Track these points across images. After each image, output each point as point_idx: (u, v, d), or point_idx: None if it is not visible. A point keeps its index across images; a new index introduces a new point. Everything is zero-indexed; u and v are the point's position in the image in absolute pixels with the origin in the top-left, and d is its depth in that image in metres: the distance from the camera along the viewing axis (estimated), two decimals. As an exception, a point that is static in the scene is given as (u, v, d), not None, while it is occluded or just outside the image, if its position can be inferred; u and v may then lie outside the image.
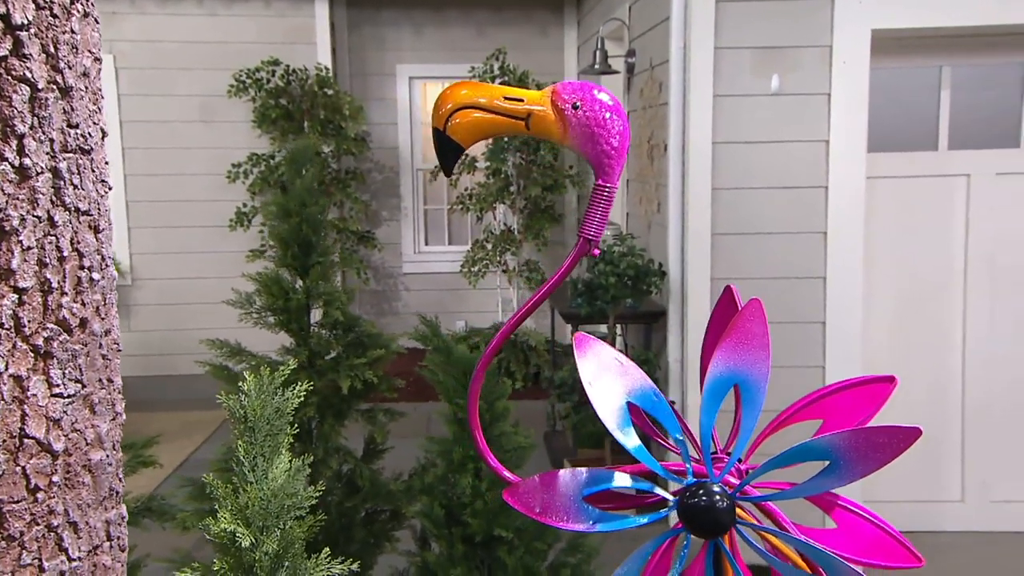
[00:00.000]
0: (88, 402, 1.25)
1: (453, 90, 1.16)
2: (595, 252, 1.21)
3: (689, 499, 1.11)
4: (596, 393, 1.13)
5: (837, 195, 4.30)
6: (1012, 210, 4.63)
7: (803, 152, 4.29)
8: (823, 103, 4.28)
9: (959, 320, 4.68)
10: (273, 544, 1.39)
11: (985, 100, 4.71)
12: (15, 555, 1.14)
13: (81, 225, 1.24)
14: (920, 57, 4.58)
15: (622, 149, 1.15)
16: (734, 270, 4.30)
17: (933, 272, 4.67)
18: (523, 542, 2.48)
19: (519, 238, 7.54)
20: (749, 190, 4.31)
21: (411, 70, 8.23)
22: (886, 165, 4.55)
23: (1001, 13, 4.24)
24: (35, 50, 1.15)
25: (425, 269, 8.41)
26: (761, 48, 4.27)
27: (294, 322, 2.66)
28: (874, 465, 1.00)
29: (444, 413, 2.57)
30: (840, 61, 4.27)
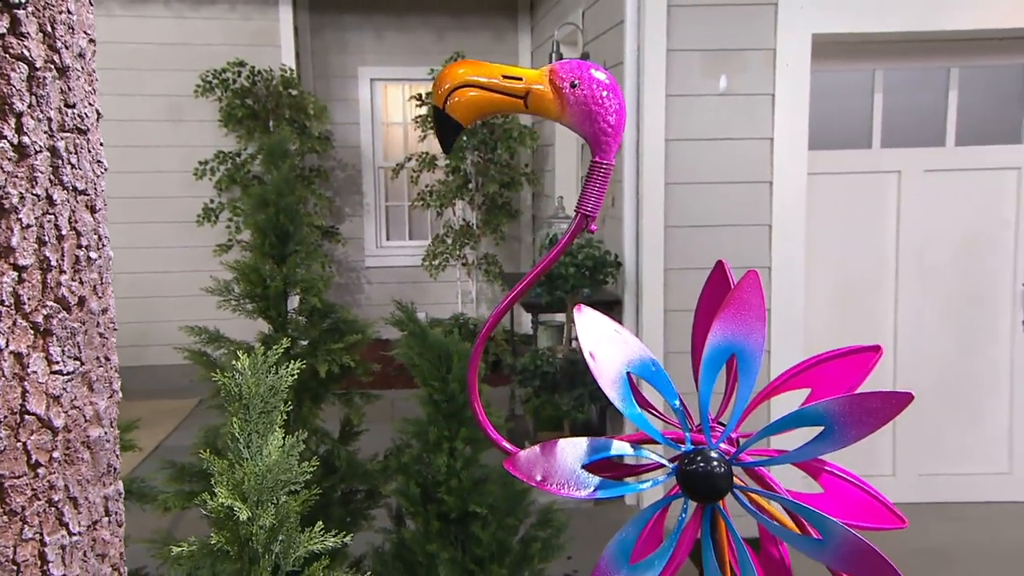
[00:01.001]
0: (86, 379, 1.21)
1: (451, 69, 1.13)
2: (592, 228, 1.19)
3: (688, 466, 1.10)
4: (597, 363, 1.10)
5: (781, 190, 4.34)
6: (938, 204, 4.72)
7: (749, 149, 4.31)
8: (767, 103, 4.31)
9: (891, 308, 4.76)
10: (269, 518, 1.35)
11: (915, 102, 4.77)
12: (17, 529, 1.10)
13: (79, 204, 1.19)
14: (856, 61, 4.63)
15: (619, 127, 1.13)
16: (686, 261, 4.31)
17: (868, 262, 4.73)
18: (496, 518, 2.46)
19: (477, 233, 7.51)
20: (700, 185, 4.32)
21: (372, 72, 8.15)
22: (825, 162, 4.60)
23: (929, 20, 4.31)
24: (33, 29, 1.10)
25: (387, 263, 8.34)
26: (710, 51, 4.28)
27: (272, 309, 2.60)
28: (867, 429, 0.99)
29: (419, 396, 2.54)
30: (783, 64, 4.30)
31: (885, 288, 4.73)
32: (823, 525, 1.02)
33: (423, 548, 2.44)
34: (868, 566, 1.00)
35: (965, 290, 4.77)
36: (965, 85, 4.70)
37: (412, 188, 8.02)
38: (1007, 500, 4.82)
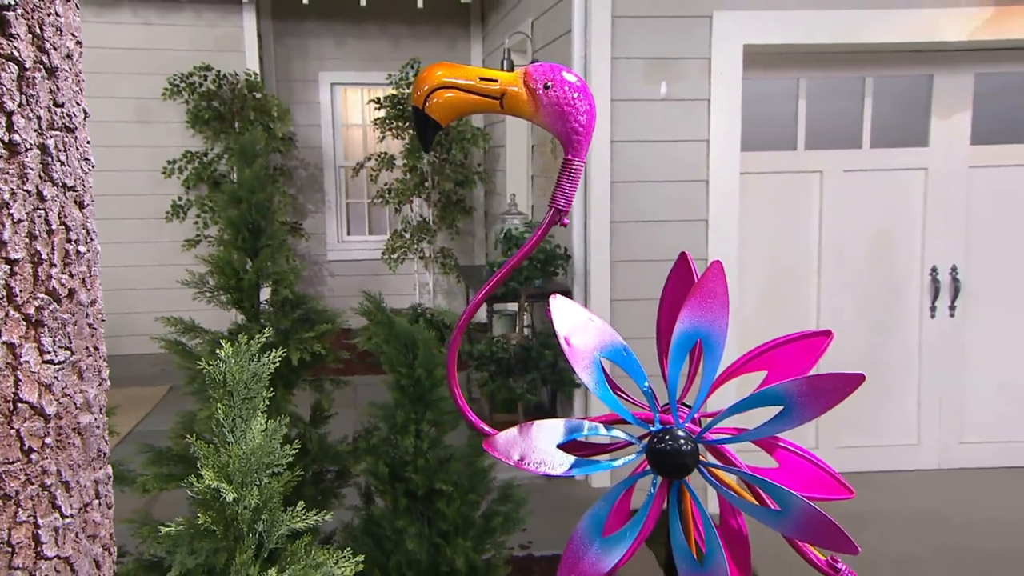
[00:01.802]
0: (76, 368, 1.18)
1: (430, 71, 1.11)
2: (564, 222, 1.18)
3: (658, 444, 1.09)
4: (572, 349, 1.09)
5: (716, 188, 4.37)
6: (855, 202, 4.80)
7: (687, 150, 4.34)
8: (704, 108, 4.34)
9: (814, 296, 4.83)
10: (254, 498, 1.32)
11: (834, 107, 4.84)
12: (11, 513, 1.07)
13: (68, 200, 1.16)
14: (782, 70, 4.68)
15: (589, 126, 1.12)
16: (630, 254, 4.33)
17: (794, 254, 4.80)
18: (460, 494, 2.44)
19: (434, 228, 7.47)
20: (643, 183, 4.34)
21: (332, 77, 8.06)
22: (756, 162, 4.65)
23: (847, 34, 4.37)
24: (22, 30, 1.06)
25: (348, 256, 8.27)
26: (651, 59, 4.30)
27: (246, 300, 2.55)
28: (823, 408, 0.99)
29: (387, 381, 2.51)
30: (718, 72, 4.33)
31: (809, 277, 4.81)
32: (781, 497, 1.02)
33: (392, 524, 2.42)
34: (822, 533, 1.01)
35: (879, 279, 4.87)
36: (878, 93, 4.78)
37: (371, 186, 7.96)
38: (914, 468, 4.94)
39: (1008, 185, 4.88)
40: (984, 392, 4.97)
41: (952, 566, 3.83)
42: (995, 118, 4.86)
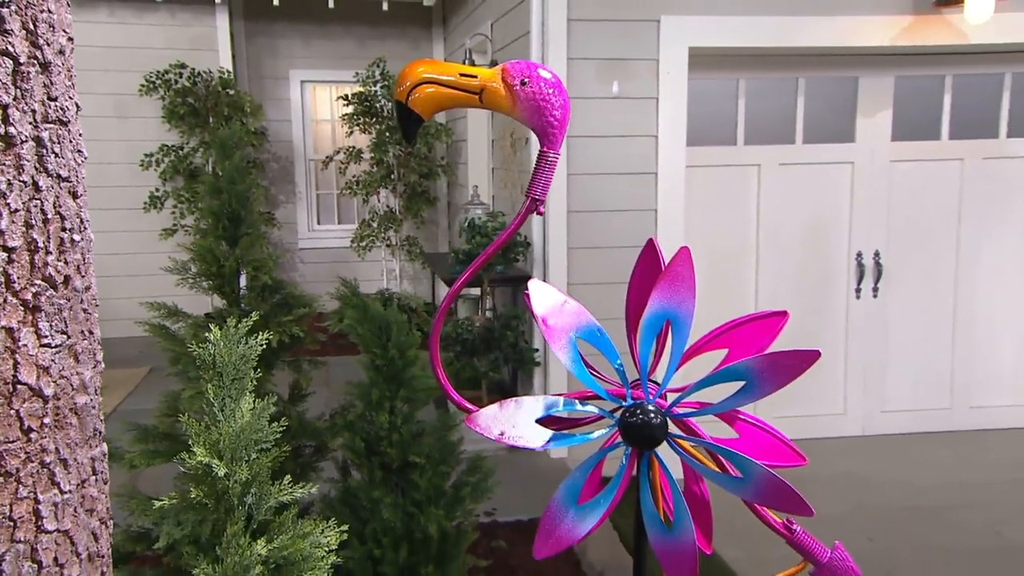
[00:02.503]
0: (73, 351, 1.15)
1: (412, 68, 1.09)
2: (540, 210, 1.17)
3: (630, 418, 1.09)
4: (549, 329, 1.08)
5: (664, 180, 4.39)
6: (790, 192, 4.86)
7: (638, 145, 4.35)
8: (652, 105, 4.35)
9: (753, 278, 4.88)
10: (244, 473, 1.30)
11: (771, 106, 4.88)
12: (12, 489, 1.05)
13: (62, 190, 1.12)
14: (724, 71, 4.71)
15: (564, 120, 1.11)
16: (586, 241, 4.33)
17: (734, 240, 4.84)
18: (432, 466, 2.43)
19: (400, 218, 7.40)
20: (597, 175, 4.34)
21: (302, 75, 7.93)
22: (700, 156, 4.67)
23: (783, 38, 4.41)
24: (16, 26, 1.03)
25: (318, 244, 8.17)
26: (604, 60, 4.29)
27: (227, 286, 2.50)
28: (782, 382, 1.00)
29: (362, 361, 2.48)
30: (665, 72, 4.34)
31: (748, 262, 4.86)
32: (743, 465, 1.03)
33: (368, 494, 2.40)
34: (780, 497, 1.02)
35: (811, 264, 4.94)
36: (810, 93, 4.83)
37: (340, 178, 7.86)
38: (841, 435, 5.04)
39: (924, 178, 4.98)
40: (902, 365, 5.08)
41: (869, 521, 3.92)
42: (913, 117, 4.95)
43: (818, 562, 1.18)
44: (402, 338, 2.42)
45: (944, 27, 4.47)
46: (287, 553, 1.32)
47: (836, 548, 1.21)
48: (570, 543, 1.09)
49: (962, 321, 5.09)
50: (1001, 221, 5.05)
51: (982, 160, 5.01)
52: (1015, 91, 4.98)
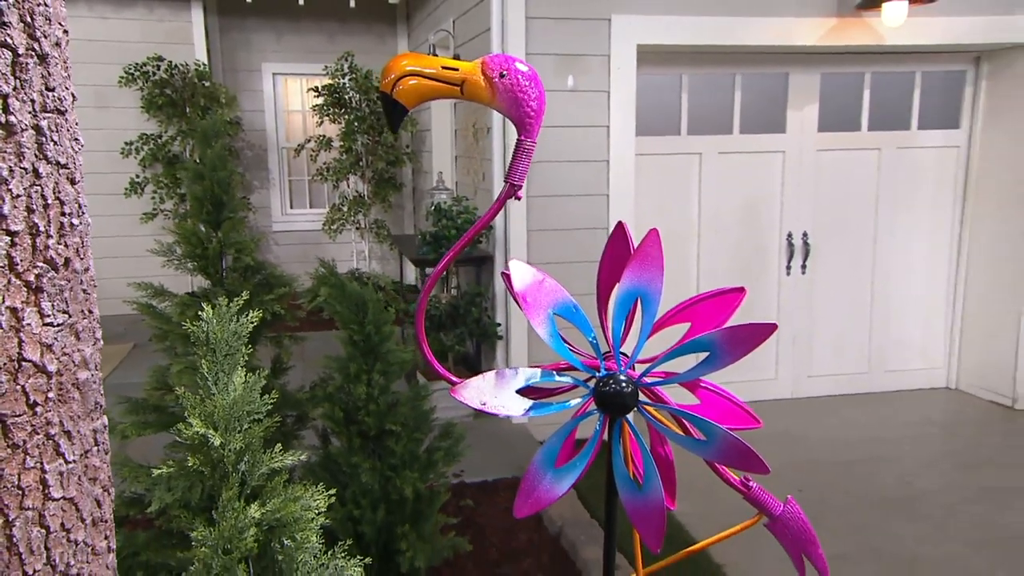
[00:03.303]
0: (74, 330, 1.12)
1: (396, 61, 1.06)
2: (519, 195, 1.16)
3: (603, 387, 1.09)
4: (528, 307, 1.08)
5: (616, 167, 4.39)
6: (728, 178, 4.90)
7: (591, 135, 4.34)
8: (605, 98, 4.34)
9: (695, 256, 4.94)
10: (238, 443, 1.27)
11: (711, 99, 4.91)
12: (20, 460, 1.03)
13: (61, 177, 1.09)
14: (669, 66, 4.72)
15: (540, 110, 1.09)
16: (544, 223, 4.32)
17: (679, 222, 4.88)
18: (407, 433, 2.42)
19: (368, 202, 7.31)
20: (554, 163, 4.33)
21: (274, 67, 7.75)
22: (648, 145, 4.69)
23: (721, 37, 4.43)
24: (14, 19, 0.98)
25: (291, 227, 8.03)
26: (560, 55, 4.27)
27: (211, 267, 2.44)
28: (742, 353, 1.01)
29: (340, 337, 2.45)
30: (616, 67, 4.33)
31: (691, 241, 4.91)
32: (706, 428, 1.04)
33: (347, 460, 2.38)
34: (739, 457, 1.03)
35: (747, 243, 5.00)
36: (746, 87, 4.87)
37: (311, 165, 7.73)
38: (773, 398, 5.14)
39: (846, 166, 5.06)
40: (826, 335, 5.19)
41: (800, 474, 4.01)
42: (836, 110, 5.02)
43: (772, 515, 1.20)
44: (378, 315, 2.39)
45: (864, 29, 4.53)
46: (279, 516, 1.30)
47: (788, 502, 1.23)
48: (548, 503, 1.10)
49: (878, 295, 5.22)
50: (912, 205, 5.18)
51: (896, 149, 5.12)
52: (924, 87, 5.09)
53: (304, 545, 1.31)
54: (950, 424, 4.84)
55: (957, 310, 5.30)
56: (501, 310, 4.51)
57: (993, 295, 5.08)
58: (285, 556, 1.32)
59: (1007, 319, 4.98)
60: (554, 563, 3.11)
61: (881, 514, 3.65)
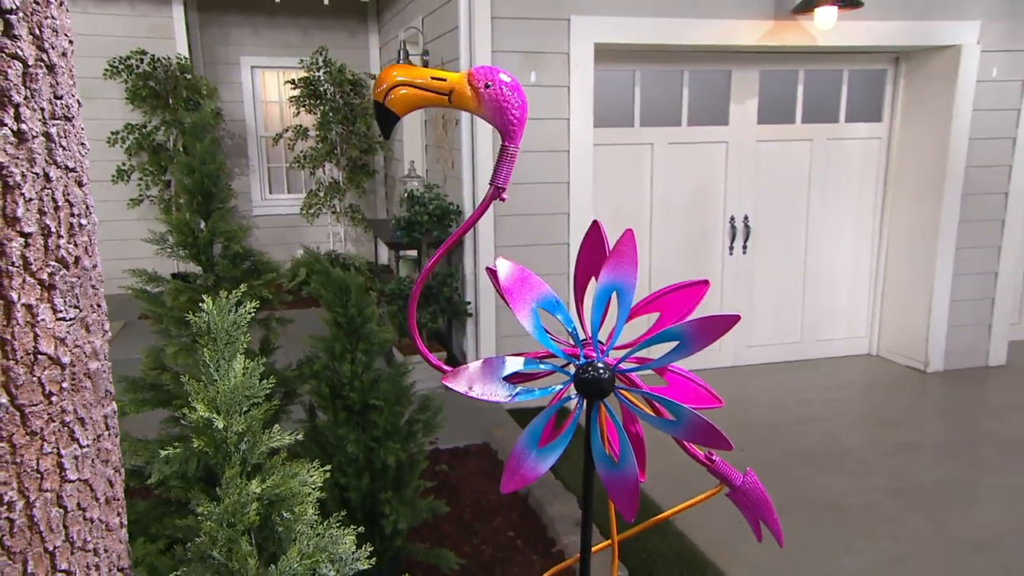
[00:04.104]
0: (84, 323, 1.10)
1: (388, 72, 1.05)
2: (503, 197, 1.16)
3: (583, 374, 1.10)
4: (514, 300, 1.08)
5: (575, 157, 4.40)
6: (677, 167, 4.94)
7: (553, 127, 4.33)
8: (565, 93, 4.33)
9: (648, 238, 4.98)
10: (240, 425, 1.27)
11: (661, 93, 4.93)
12: (38, 446, 1.02)
13: (70, 180, 1.07)
14: (624, 63, 4.73)
15: (522, 118, 1.09)
16: (511, 210, 4.32)
17: (633, 207, 4.91)
18: (389, 407, 2.41)
19: (344, 188, 7.20)
20: (520, 153, 4.30)
21: (252, 61, 7.54)
22: (605, 136, 4.70)
23: (671, 36, 4.43)
24: (24, 32, 0.95)
25: (271, 212, 7.87)
26: (524, 52, 4.24)
27: (202, 254, 2.40)
28: (708, 341, 1.03)
29: (325, 318, 2.43)
30: (575, 64, 4.32)
31: (644, 224, 4.95)
32: (675, 410, 1.06)
33: (334, 433, 2.37)
34: (705, 435, 1.06)
35: (694, 226, 5.06)
36: (693, 83, 4.90)
37: (289, 153, 7.59)
38: (718, 367, 5.24)
39: (782, 155, 5.14)
40: (765, 308, 5.29)
41: (741, 435, 4.11)
42: (774, 104, 5.08)
43: (733, 485, 1.24)
44: (360, 298, 2.38)
45: (799, 31, 4.58)
46: (278, 491, 1.30)
47: (748, 474, 1.27)
48: (533, 479, 1.11)
49: (810, 272, 5.33)
50: (840, 190, 5.28)
51: (827, 140, 5.20)
52: (851, 84, 5.17)
53: (302, 517, 1.31)
54: (871, 387, 4.99)
55: (878, 285, 5.44)
56: (471, 289, 4.51)
57: (909, 272, 5.23)
58: (284, 527, 1.32)
59: (921, 293, 5.14)
60: (523, 520, 3.15)
61: (812, 468, 3.76)
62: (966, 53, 4.79)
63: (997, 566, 2.93)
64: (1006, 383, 5.00)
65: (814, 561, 2.93)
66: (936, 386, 4.95)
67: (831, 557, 2.97)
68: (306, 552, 1.31)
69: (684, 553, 2.93)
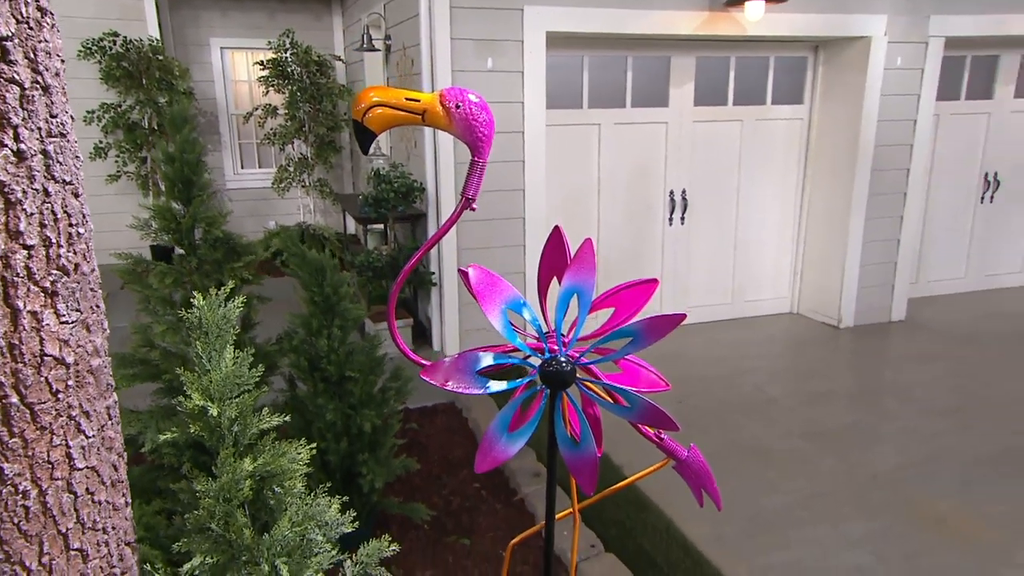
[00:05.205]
0: (85, 324, 1.10)
1: (366, 93, 1.05)
2: (474, 207, 1.17)
3: (548, 367, 1.13)
4: (484, 303, 1.10)
5: (529, 137, 4.38)
6: (622, 145, 4.96)
7: (509, 110, 4.30)
8: (519, 78, 4.29)
9: (595, 211, 5.02)
10: (232, 411, 1.27)
11: (608, 77, 4.92)
12: (48, 439, 1.04)
13: (67, 193, 1.05)
14: (573, 49, 4.69)
15: (490, 135, 1.10)
16: (469, 187, 4.29)
17: (582, 183, 4.93)
18: (363, 377, 2.43)
19: (312, 163, 7.05)
20: (477, 135, 4.27)
21: (221, 42, 7.25)
22: (556, 117, 4.68)
23: (616, 25, 4.41)
24: (19, 56, 0.93)
25: (243, 185, 7.66)
26: (481, 40, 4.18)
27: (184, 239, 2.35)
28: (658, 336, 1.07)
29: (302, 296, 2.42)
30: (528, 51, 4.27)
31: (591, 198, 4.98)
32: (629, 397, 1.11)
33: (313, 402, 2.38)
34: (655, 419, 1.10)
35: (637, 199, 5.11)
36: (636, 68, 4.90)
37: (259, 130, 7.37)
38: (659, 326, 5.35)
39: (716, 134, 5.20)
40: (700, 273, 5.41)
41: (680, 387, 4.24)
42: (709, 88, 5.12)
43: (678, 459, 1.30)
44: (334, 278, 2.37)
45: (731, 22, 4.61)
46: (269, 468, 1.32)
47: (691, 449, 1.33)
48: (504, 460, 1.15)
49: (740, 240, 5.46)
50: (766, 167, 5.39)
51: (755, 121, 5.28)
52: (777, 70, 5.24)
53: (292, 491, 1.33)
54: (792, 342, 5.18)
55: (799, 251, 5.61)
56: (435, 261, 4.51)
57: (825, 240, 5.40)
58: (276, 500, 1.34)
59: (834, 258, 5.32)
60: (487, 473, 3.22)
61: (741, 417, 3.91)
62: (875, 43, 4.89)
63: (898, 498, 3.12)
64: (905, 336, 5.25)
65: (742, 501, 3.08)
66: (847, 340, 5.16)
67: (758, 496, 3.12)
68: (296, 520, 1.34)
69: (632, 498, 3.04)
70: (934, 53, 5.05)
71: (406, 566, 2.54)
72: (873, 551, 2.75)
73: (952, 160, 5.87)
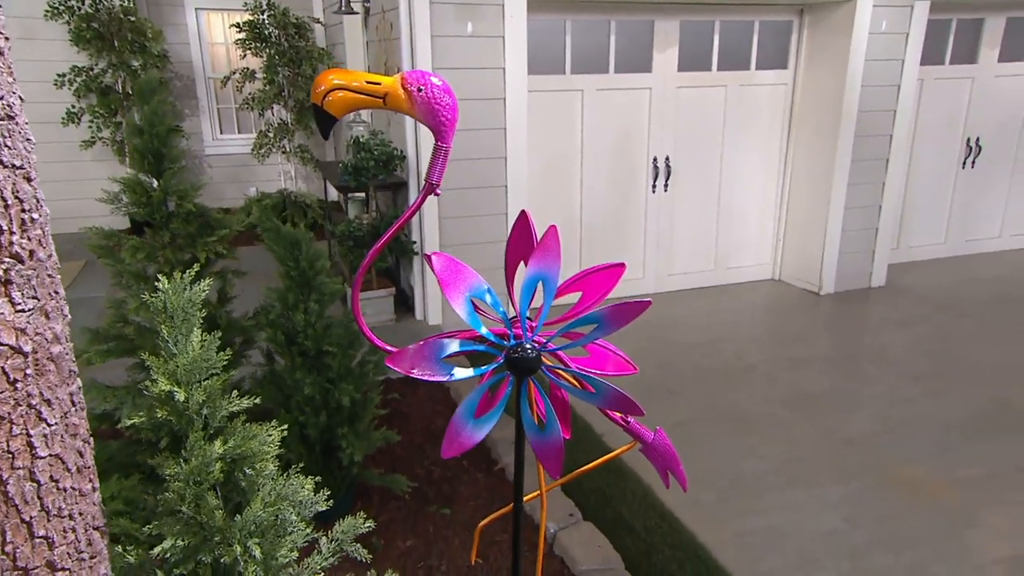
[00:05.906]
0: (43, 311, 1.07)
1: (325, 76, 1.01)
2: (437, 192, 1.14)
3: (513, 354, 1.12)
4: (449, 291, 1.09)
5: (511, 103, 4.31)
6: (605, 111, 4.90)
7: (490, 75, 4.22)
8: (500, 43, 4.20)
9: (578, 177, 4.98)
10: (201, 396, 1.26)
11: (590, 42, 4.83)
12: (7, 429, 1.02)
13: (18, 177, 1.01)
14: (555, 13, 4.59)
15: (454, 119, 1.07)
16: (452, 156, 4.22)
17: (565, 149, 4.88)
18: (341, 351, 2.42)
19: (292, 129, 6.92)
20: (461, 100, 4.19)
21: (196, 3, 7.01)
22: (538, 83, 4.61)
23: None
24: (-44, 36, 0.88)
25: (222, 151, 7.53)
26: (460, 4, 4.07)
27: (156, 213, 2.30)
28: (623, 323, 1.06)
29: (278, 272, 2.39)
30: (509, 15, 4.18)
31: (574, 164, 4.94)
32: (595, 383, 1.10)
33: (291, 376, 2.37)
34: (621, 404, 1.10)
35: (621, 165, 5.08)
36: (619, 32, 4.81)
37: (237, 95, 7.20)
38: (641, 293, 5.37)
39: (700, 100, 5.15)
40: (683, 240, 5.41)
41: (659, 353, 4.28)
42: (692, 53, 5.05)
43: (645, 442, 1.30)
44: (310, 252, 2.34)
45: (718, -18, 4.52)
46: (240, 450, 1.31)
47: (657, 432, 1.34)
48: (471, 446, 1.15)
49: (723, 206, 5.45)
50: (750, 133, 5.35)
51: (739, 86, 5.23)
52: (761, 34, 5.17)
53: (263, 472, 1.33)
54: (773, 309, 5.22)
55: (782, 217, 5.61)
56: (416, 230, 4.47)
57: (808, 206, 5.40)
58: (247, 482, 1.34)
59: (816, 224, 5.33)
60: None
61: (722, 383, 3.96)
62: (860, 7, 4.82)
63: (873, 462, 3.18)
64: (884, 302, 5.30)
65: (720, 467, 3.13)
66: (828, 306, 5.21)
67: (736, 462, 3.18)
68: (269, 501, 1.34)
69: (611, 466, 3.08)
70: (919, 17, 5.00)
71: (387, 536, 2.57)
72: (847, 515, 2.81)
73: (935, 126, 5.86)
